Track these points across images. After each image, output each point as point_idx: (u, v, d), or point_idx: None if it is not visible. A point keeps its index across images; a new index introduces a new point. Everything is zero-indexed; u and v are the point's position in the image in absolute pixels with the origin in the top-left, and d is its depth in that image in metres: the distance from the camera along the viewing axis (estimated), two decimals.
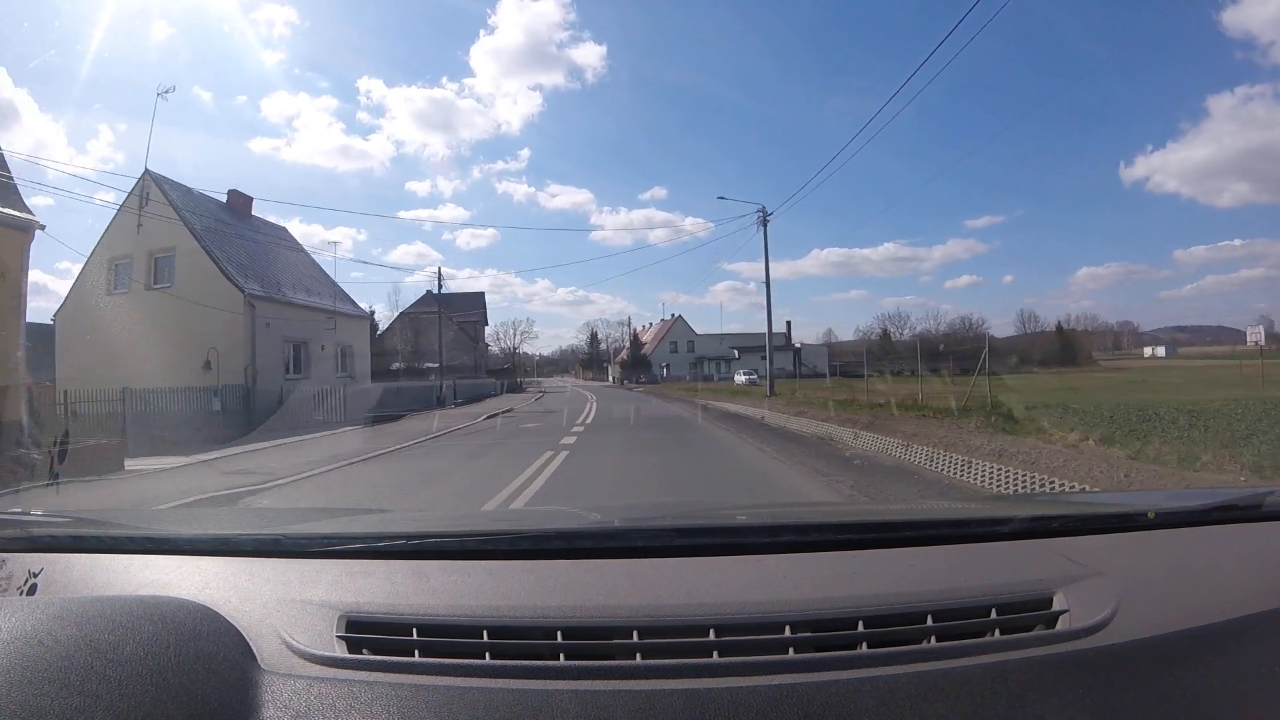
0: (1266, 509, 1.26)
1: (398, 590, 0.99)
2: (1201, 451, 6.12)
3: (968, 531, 1.22)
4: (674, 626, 0.87)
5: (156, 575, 1.07)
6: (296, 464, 9.27)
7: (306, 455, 10.40)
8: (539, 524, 1.48)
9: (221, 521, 1.83)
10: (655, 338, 69.37)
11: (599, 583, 0.99)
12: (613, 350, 75.14)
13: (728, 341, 63.63)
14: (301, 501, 6.83)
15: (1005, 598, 0.93)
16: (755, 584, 0.98)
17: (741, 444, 11.03)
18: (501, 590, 0.97)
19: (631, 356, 65.91)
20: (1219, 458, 5.87)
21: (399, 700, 0.76)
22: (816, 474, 7.60)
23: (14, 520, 1.31)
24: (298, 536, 1.25)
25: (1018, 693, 0.78)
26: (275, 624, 0.89)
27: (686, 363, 64.02)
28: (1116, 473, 5.82)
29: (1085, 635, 0.87)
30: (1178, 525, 1.22)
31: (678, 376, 57.49)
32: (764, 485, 7.12)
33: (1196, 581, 1.03)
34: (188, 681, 0.73)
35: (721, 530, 1.27)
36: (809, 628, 0.87)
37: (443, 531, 1.26)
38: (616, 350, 73.52)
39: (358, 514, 1.84)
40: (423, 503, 6.58)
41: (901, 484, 6.91)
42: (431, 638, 0.87)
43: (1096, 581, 0.97)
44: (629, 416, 17.22)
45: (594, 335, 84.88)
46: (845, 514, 1.59)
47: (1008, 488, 6.25)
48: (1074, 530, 1.21)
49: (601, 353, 79.61)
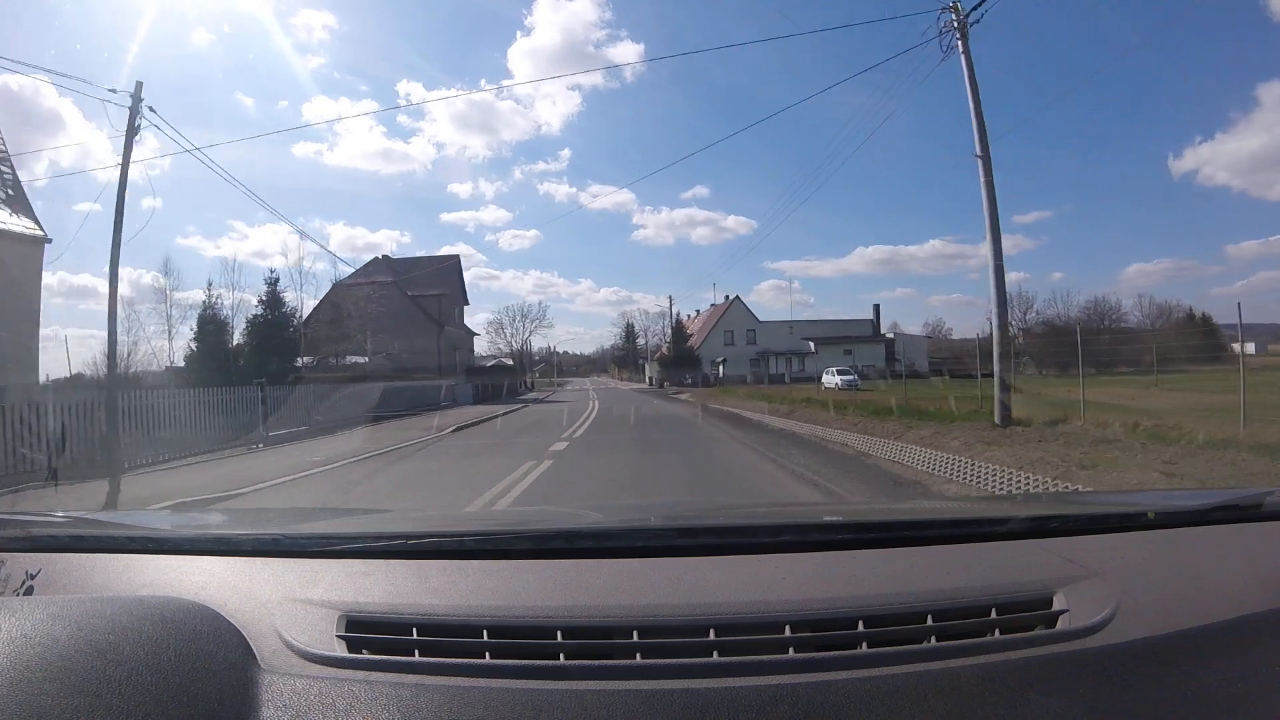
0: (1266, 509, 1.26)
1: (398, 590, 0.99)
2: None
3: (967, 531, 1.22)
4: (674, 626, 0.87)
5: (156, 575, 1.07)
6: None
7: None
8: (539, 524, 1.48)
9: (221, 521, 1.83)
10: (704, 327, 53.58)
11: (599, 582, 0.99)
12: (652, 347, 63.15)
13: (802, 331, 48.70)
14: None
15: (1005, 598, 0.93)
16: (755, 584, 0.98)
17: None
18: (501, 590, 0.97)
19: (675, 351, 51.10)
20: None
21: (399, 700, 0.76)
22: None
23: (14, 520, 1.31)
24: (298, 536, 1.25)
25: (1018, 693, 0.78)
26: (275, 624, 0.89)
27: (745, 358, 47.48)
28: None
29: (1085, 635, 0.87)
30: (1178, 525, 1.22)
31: (735, 376, 42.44)
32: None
33: (1196, 581, 1.03)
34: (188, 681, 0.73)
35: (721, 530, 1.28)
36: (809, 628, 0.87)
37: (443, 531, 1.26)
38: (656, 347, 61.13)
39: (357, 514, 1.84)
40: None
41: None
42: (431, 637, 0.87)
43: (1096, 581, 0.97)
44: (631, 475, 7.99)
45: (629, 328, 71.61)
46: (845, 514, 1.59)
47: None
48: (1074, 530, 1.21)
49: (639, 349, 67.80)
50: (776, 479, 7.46)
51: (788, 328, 49.53)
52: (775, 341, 48.67)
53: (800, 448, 10.30)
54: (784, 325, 50.27)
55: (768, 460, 8.90)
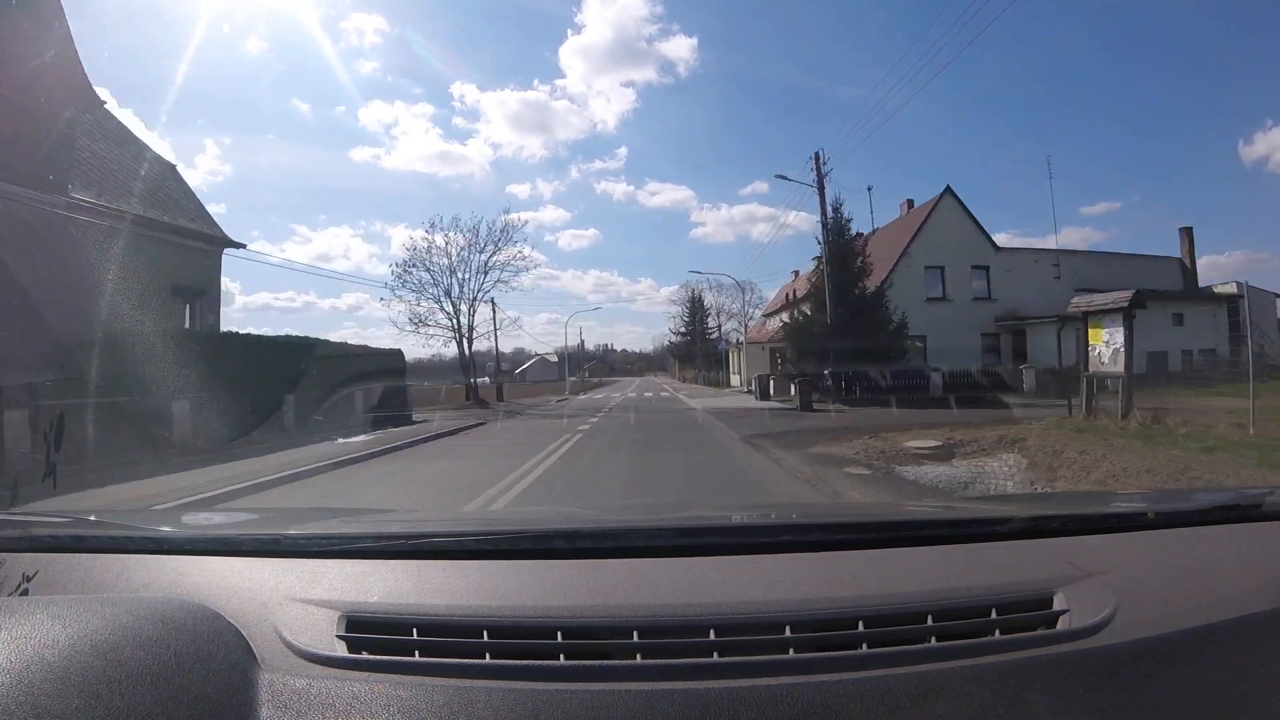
0: (1266, 509, 1.27)
1: (398, 590, 0.99)
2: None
3: (967, 531, 1.22)
4: (674, 626, 0.87)
5: (156, 575, 1.07)
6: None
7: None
8: (539, 524, 1.48)
9: (221, 522, 1.84)
10: (893, 246, 25.15)
11: (599, 583, 0.99)
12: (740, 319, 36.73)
13: (1075, 272, 24.09)
14: None
15: (1005, 598, 0.93)
16: (755, 584, 0.98)
17: None
18: (501, 590, 0.97)
19: (836, 290, 20.66)
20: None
21: (399, 700, 0.76)
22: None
23: (14, 520, 1.31)
24: (298, 536, 1.25)
25: (1018, 693, 0.78)
26: (275, 624, 0.90)
27: (966, 325, 24.11)
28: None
29: (1085, 635, 0.87)
30: (1178, 525, 1.22)
31: (959, 370, 20.46)
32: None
33: (1196, 581, 1.03)
34: (188, 681, 0.73)
35: (721, 530, 1.28)
36: (809, 628, 0.87)
37: (443, 531, 1.26)
38: (740, 326, 35.47)
39: (358, 514, 1.84)
40: None
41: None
42: (432, 637, 0.87)
43: (1097, 581, 0.97)
44: None
45: (696, 301, 47.22)
46: (845, 514, 1.59)
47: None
48: (1074, 530, 1.21)
49: (710, 337, 43.62)
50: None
51: (1052, 262, 24.85)
52: (1023, 288, 23.82)
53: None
54: (1043, 258, 25.29)
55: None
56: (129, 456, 8.95)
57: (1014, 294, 24.60)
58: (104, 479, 7.34)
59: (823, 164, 21.24)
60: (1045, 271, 24.97)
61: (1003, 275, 25.19)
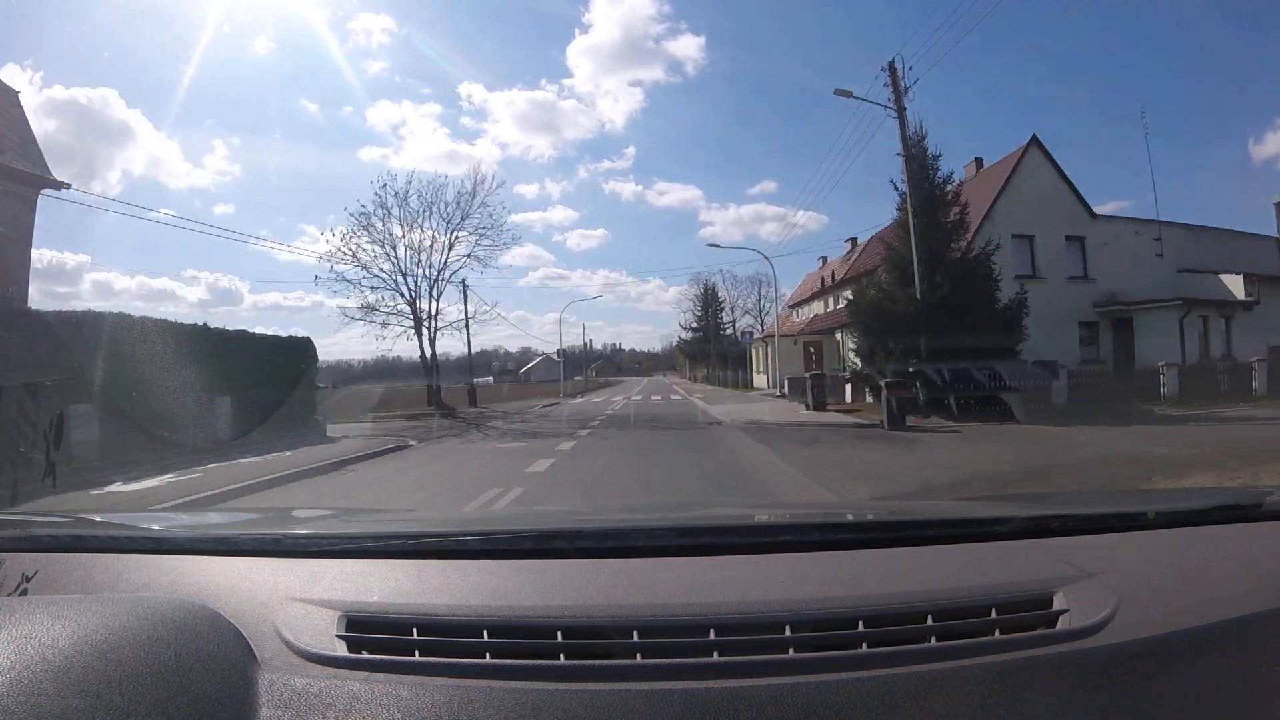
0: (1266, 509, 1.27)
1: (398, 590, 0.99)
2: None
3: (967, 531, 1.22)
4: (674, 626, 0.87)
5: (156, 575, 1.07)
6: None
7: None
8: (539, 524, 1.48)
9: (221, 522, 1.84)
10: (984, 198, 17.60)
11: (599, 582, 0.99)
12: (762, 310, 35.11)
13: (1178, 249, 18.77)
14: None
15: (1005, 598, 0.93)
16: (755, 584, 0.98)
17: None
18: (502, 590, 0.97)
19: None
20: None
21: (399, 700, 0.76)
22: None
23: (14, 520, 1.31)
24: (298, 536, 1.26)
25: (1018, 692, 0.78)
26: (275, 624, 0.89)
27: (1065, 309, 17.60)
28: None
29: (1085, 635, 0.87)
30: (1178, 525, 1.22)
31: (1073, 369, 15.27)
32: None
33: (1196, 581, 1.03)
34: (188, 681, 0.73)
35: (721, 530, 1.28)
36: (809, 628, 0.87)
37: (443, 531, 1.26)
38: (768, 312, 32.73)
39: (357, 514, 1.84)
40: None
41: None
42: (432, 637, 0.87)
43: (1096, 581, 0.97)
44: None
45: (709, 293, 43.73)
46: (845, 514, 1.59)
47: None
48: (1074, 530, 1.21)
49: (724, 333, 40.99)
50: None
51: (1154, 235, 19.27)
52: (1120, 266, 18.59)
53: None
54: (1144, 230, 19.50)
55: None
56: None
57: (1113, 273, 18.65)
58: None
59: (900, 77, 14.36)
60: (1146, 247, 19.14)
61: (1099, 249, 18.97)
